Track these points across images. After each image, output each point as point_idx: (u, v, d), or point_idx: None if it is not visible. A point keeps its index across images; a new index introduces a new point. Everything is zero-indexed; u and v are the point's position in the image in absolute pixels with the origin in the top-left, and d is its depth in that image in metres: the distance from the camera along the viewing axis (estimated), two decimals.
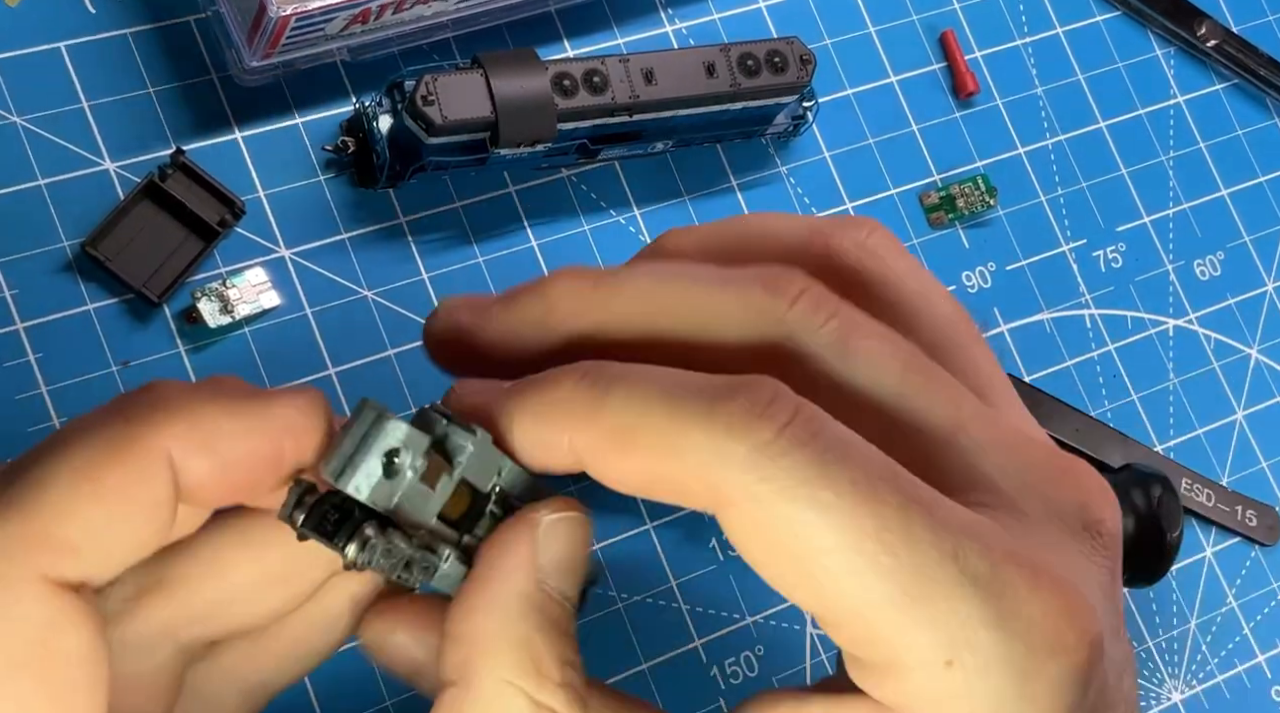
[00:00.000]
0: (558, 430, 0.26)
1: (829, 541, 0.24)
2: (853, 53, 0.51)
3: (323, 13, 0.40)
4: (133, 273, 0.41)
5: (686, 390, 0.25)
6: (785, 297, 0.28)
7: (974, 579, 0.24)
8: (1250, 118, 0.57)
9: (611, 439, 0.26)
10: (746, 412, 0.25)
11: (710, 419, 0.25)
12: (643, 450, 0.26)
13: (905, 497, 0.25)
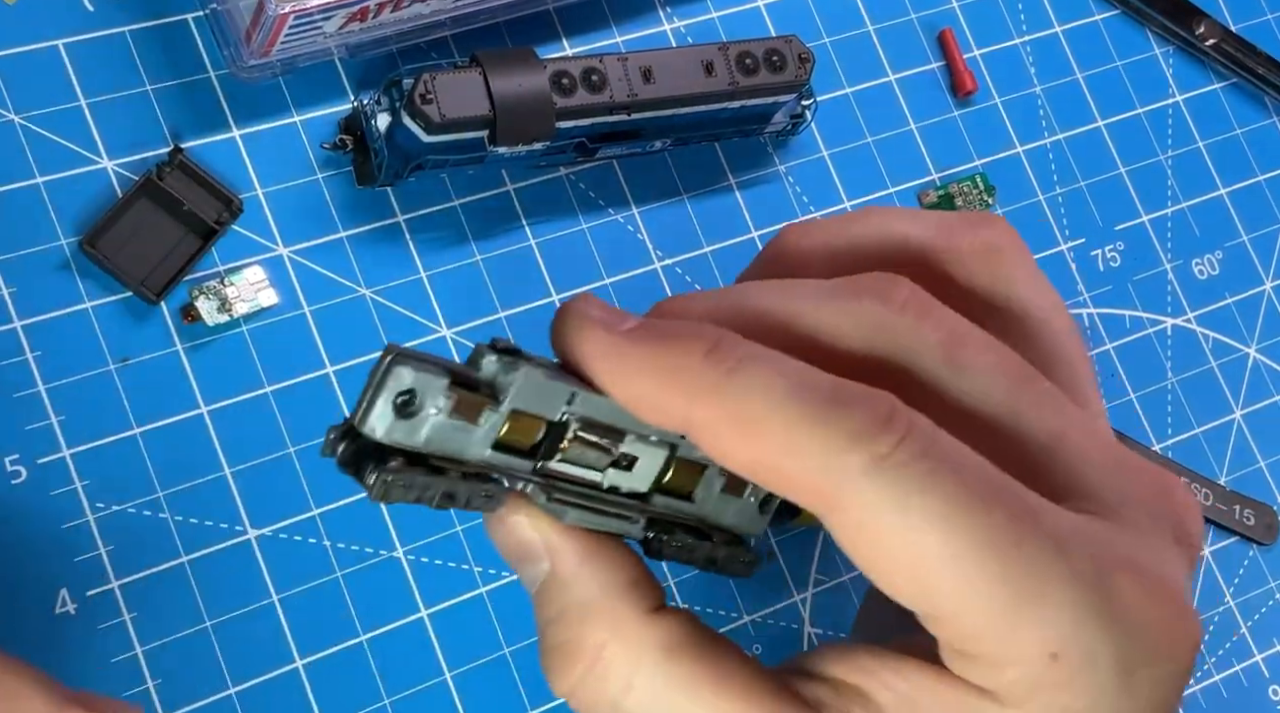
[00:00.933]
0: (676, 399, 0.27)
1: (940, 549, 0.25)
2: (851, 51, 0.51)
3: (321, 10, 0.40)
4: (131, 271, 0.41)
5: (812, 391, 0.26)
6: (893, 306, 0.28)
7: (1082, 578, 0.25)
8: (1249, 117, 0.57)
9: (731, 423, 0.26)
10: (866, 422, 0.25)
11: (831, 426, 0.25)
12: (761, 441, 0.26)
13: (1014, 506, 0.26)
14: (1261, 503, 0.52)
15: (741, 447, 0.26)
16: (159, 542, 0.40)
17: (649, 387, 0.27)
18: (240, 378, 0.41)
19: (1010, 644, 0.26)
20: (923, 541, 0.25)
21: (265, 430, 0.41)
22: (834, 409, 0.26)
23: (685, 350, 0.27)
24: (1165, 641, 0.26)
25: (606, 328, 0.28)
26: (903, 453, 0.25)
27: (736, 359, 0.26)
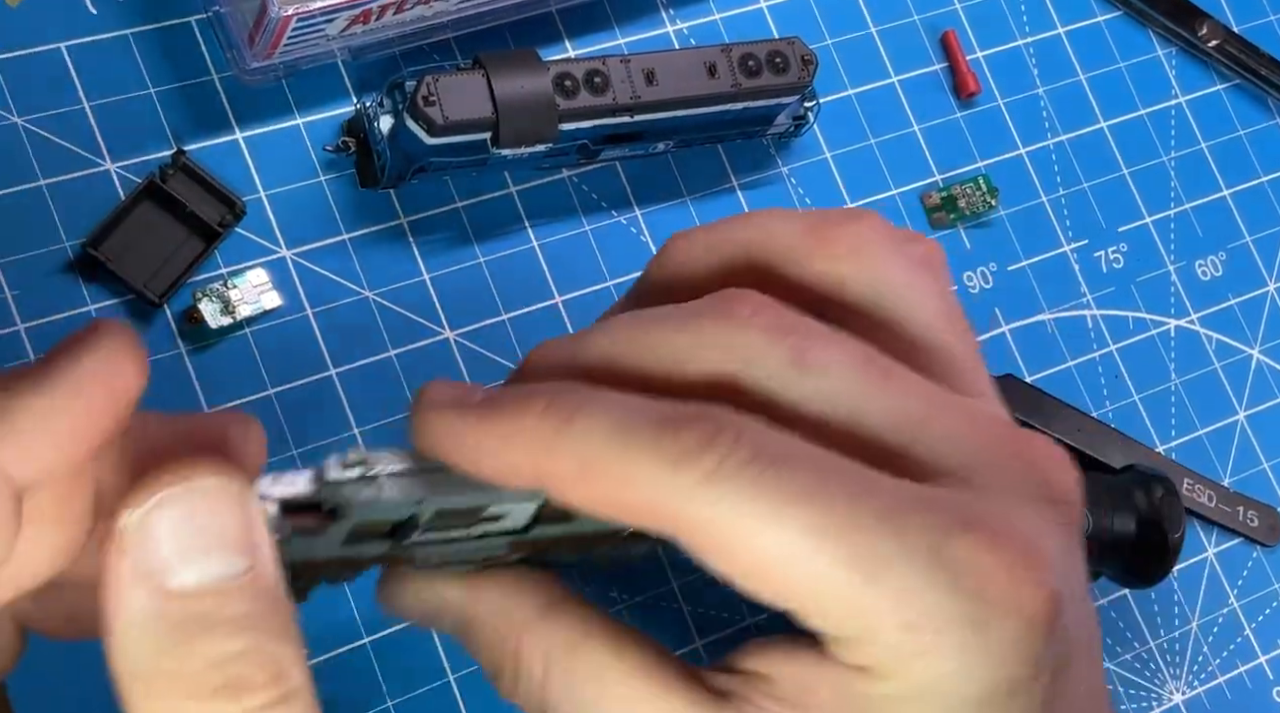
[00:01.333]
0: (521, 459, 0.28)
1: (779, 546, 0.27)
2: (854, 53, 0.51)
3: (324, 13, 0.40)
4: (134, 273, 0.41)
5: (640, 422, 0.27)
6: (736, 322, 0.29)
7: (925, 549, 0.27)
8: (1251, 118, 0.57)
9: (570, 469, 0.28)
10: (695, 443, 0.27)
11: (660, 453, 0.27)
12: (601, 481, 0.28)
13: (848, 489, 0.27)
14: (1265, 504, 0.51)
15: (586, 491, 0.28)
16: None
17: (498, 457, 0.29)
18: (243, 380, 0.41)
19: (867, 623, 0.27)
20: (763, 542, 0.26)
21: (268, 432, 0.41)
22: (661, 436, 0.27)
23: (522, 414, 0.28)
24: (1012, 594, 0.27)
25: (454, 409, 0.29)
26: (730, 463, 0.27)
27: (571, 410, 0.28)
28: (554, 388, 0.29)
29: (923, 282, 0.33)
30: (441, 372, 0.43)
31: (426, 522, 0.31)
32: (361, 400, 0.42)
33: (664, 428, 0.27)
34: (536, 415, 0.28)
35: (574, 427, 0.28)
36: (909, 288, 0.33)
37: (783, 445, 0.28)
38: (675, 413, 0.28)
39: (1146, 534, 0.45)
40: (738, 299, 0.30)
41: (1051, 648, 0.28)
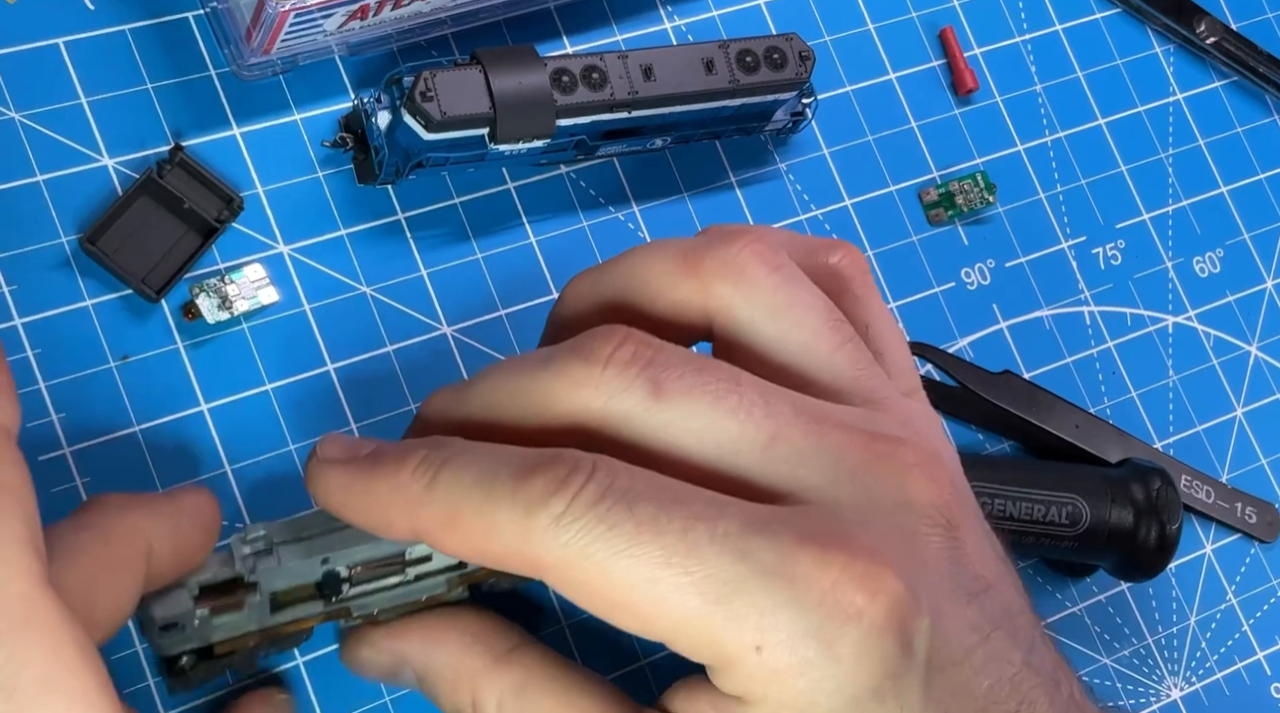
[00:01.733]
0: (397, 513, 0.30)
1: (632, 577, 0.28)
2: (852, 49, 0.51)
3: (321, 9, 0.40)
4: (131, 268, 0.41)
5: (500, 471, 0.29)
6: (595, 359, 0.30)
7: (764, 571, 0.27)
8: (1250, 115, 0.57)
9: (438, 521, 0.29)
10: (544, 489, 0.28)
11: (514, 500, 0.28)
12: (466, 532, 0.29)
13: (686, 519, 0.28)
14: (1263, 500, 0.51)
15: (454, 541, 0.29)
16: None
17: (375, 511, 0.31)
18: (241, 375, 0.42)
19: (723, 647, 0.28)
20: (615, 577, 0.28)
21: (266, 428, 0.41)
22: (516, 484, 0.28)
23: (395, 471, 0.30)
24: (850, 602, 0.27)
25: (341, 465, 0.31)
26: (578, 504, 0.28)
27: (439, 465, 0.30)
28: (429, 443, 0.31)
29: (798, 297, 0.33)
30: (439, 367, 0.43)
31: (355, 576, 0.33)
32: (359, 396, 0.42)
33: (519, 477, 0.28)
34: (409, 472, 0.30)
35: (440, 481, 0.29)
36: (781, 307, 0.33)
37: (630, 480, 0.29)
38: (533, 460, 0.29)
39: (1144, 527, 0.45)
40: (600, 336, 0.31)
41: (908, 650, 0.28)
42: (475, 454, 0.30)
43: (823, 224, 0.49)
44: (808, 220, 0.49)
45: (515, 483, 0.29)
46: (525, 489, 0.28)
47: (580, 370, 0.30)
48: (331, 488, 0.32)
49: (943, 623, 0.29)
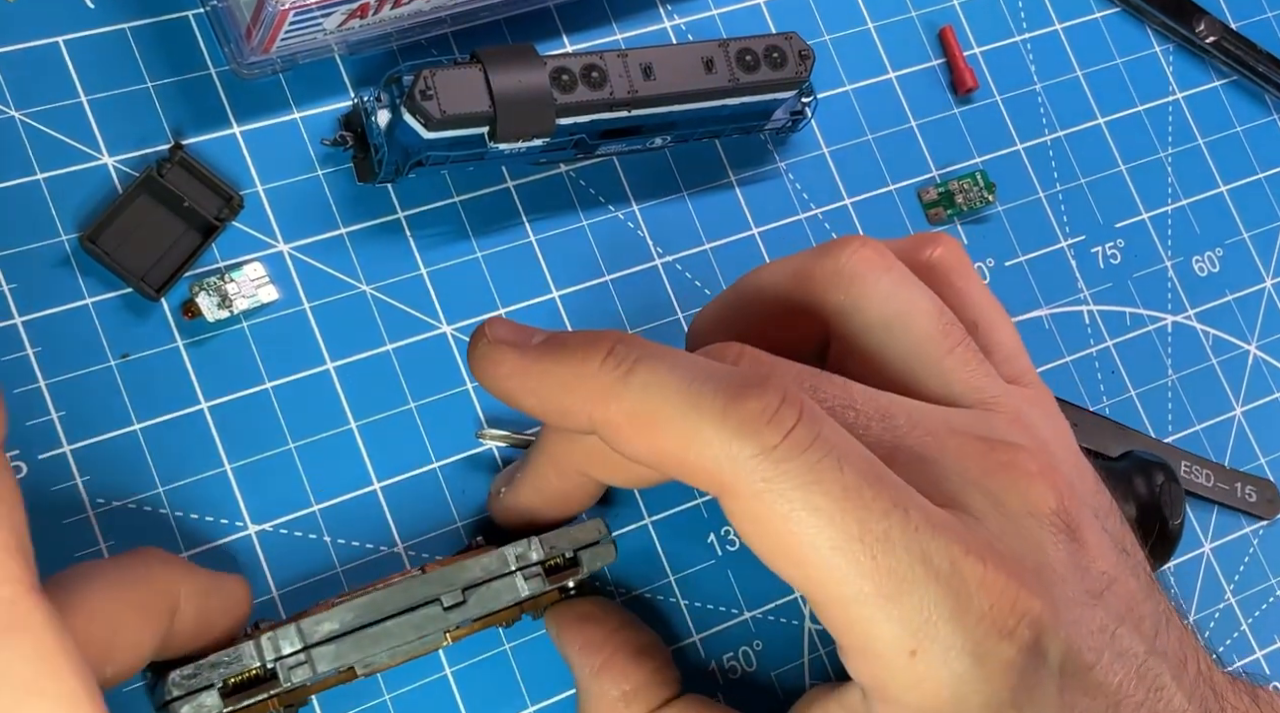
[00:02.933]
0: (579, 403, 0.29)
1: (818, 538, 0.27)
2: (851, 49, 0.51)
3: (321, 7, 0.40)
4: (131, 267, 0.41)
5: (705, 383, 0.28)
6: (747, 403, 0.29)
7: (938, 577, 0.27)
8: (1249, 114, 0.57)
9: (630, 420, 0.28)
10: (757, 415, 0.27)
11: (723, 418, 0.27)
12: (658, 435, 0.28)
13: (888, 502, 0.27)
14: (1262, 478, 0.51)
15: (642, 441, 0.28)
16: (160, 537, 0.40)
17: (554, 397, 0.30)
18: (240, 374, 0.42)
19: (878, 639, 0.27)
20: (804, 530, 0.27)
21: (266, 426, 0.41)
22: (728, 401, 0.27)
23: (584, 357, 0.29)
24: (1004, 623, 0.27)
25: (514, 347, 0.30)
26: (790, 445, 0.27)
27: (633, 360, 0.28)
28: (615, 336, 0.29)
29: (908, 303, 0.33)
30: (438, 365, 0.43)
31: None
32: (358, 394, 0.42)
33: (732, 394, 0.27)
34: (599, 361, 0.29)
35: (636, 377, 0.28)
36: (892, 316, 0.33)
37: (836, 436, 0.28)
38: (742, 380, 0.28)
39: (1147, 521, 0.45)
40: (749, 380, 0.29)
41: (1044, 663, 0.28)
42: (677, 358, 0.29)
43: (822, 224, 0.49)
44: (807, 220, 0.49)
45: (727, 400, 0.27)
46: (737, 410, 0.27)
47: (735, 410, 0.29)
48: (505, 371, 0.30)
49: (1074, 631, 0.29)
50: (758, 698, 0.44)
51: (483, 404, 0.44)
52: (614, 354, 0.29)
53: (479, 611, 0.34)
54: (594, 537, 0.36)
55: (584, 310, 0.46)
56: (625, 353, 0.29)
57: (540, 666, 0.41)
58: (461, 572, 0.34)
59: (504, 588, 0.34)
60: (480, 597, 0.34)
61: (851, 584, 0.27)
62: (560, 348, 0.30)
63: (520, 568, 0.34)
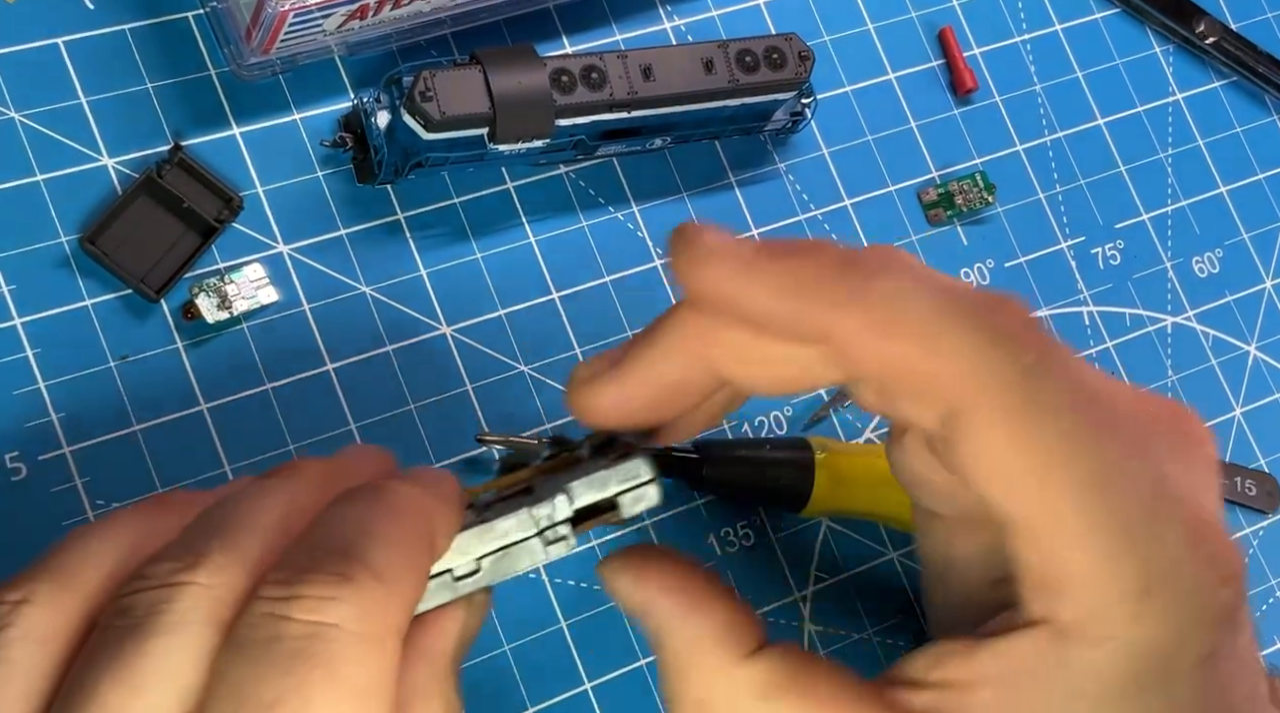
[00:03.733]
0: (814, 310, 0.27)
1: (1061, 469, 0.25)
2: (851, 49, 0.51)
3: (321, 8, 0.40)
4: (131, 268, 0.41)
5: (955, 291, 0.26)
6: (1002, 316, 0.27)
7: (1181, 518, 0.26)
8: (1249, 115, 0.57)
9: (873, 327, 0.26)
10: (1013, 329, 0.26)
11: (978, 329, 0.26)
12: (902, 342, 0.26)
13: (1131, 439, 0.26)
14: (1261, 472, 0.51)
15: (885, 350, 0.26)
16: None
17: (783, 302, 0.27)
18: (240, 375, 0.42)
19: (1107, 576, 0.26)
20: (1047, 459, 0.25)
21: (265, 428, 0.41)
22: (983, 311, 0.26)
23: (816, 261, 0.27)
24: (1224, 569, 0.27)
25: (734, 252, 0.28)
26: (1043, 367, 0.25)
27: (872, 268, 0.27)
28: (846, 246, 0.28)
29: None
30: (438, 367, 0.43)
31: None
32: (359, 396, 0.42)
33: (987, 304, 0.26)
34: (835, 268, 0.27)
35: (880, 285, 0.26)
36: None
37: (1082, 366, 0.26)
38: (985, 292, 0.26)
39: None
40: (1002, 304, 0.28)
41: (1237, 621, 0.28)
42: (912, 263, 0.27)
43: (822, 224, 0.49)
44: (807, 221, 0.49)
45: (981, 310, 0.26)
46: (992, 321, 0.26)
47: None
48: (728, 273, 0.28)
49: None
50: None
51: (482, 405, 0.44)
52: (854, 260, 0.27)
53: (493, 579, 0.31)
54: (636, 477, 0.32)
55: (584, 312, 0.46)
56: (865, 260, 0.27)
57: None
58: (478, 541, 0.31)
59: (523, 553, 0.31)
60: (496, 564, 0.31)
61: (1090, 519, 0.25)
62: (791, 253, 0.27)
63: (545, 528, 0.31)
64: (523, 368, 0.44)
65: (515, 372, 0.44)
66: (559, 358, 0.45)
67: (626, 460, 0.31)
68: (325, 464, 0.30)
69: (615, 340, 0.46)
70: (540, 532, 0.30)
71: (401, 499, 0.28)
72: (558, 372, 0.45)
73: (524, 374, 0.44)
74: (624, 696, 0.42)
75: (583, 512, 0.31)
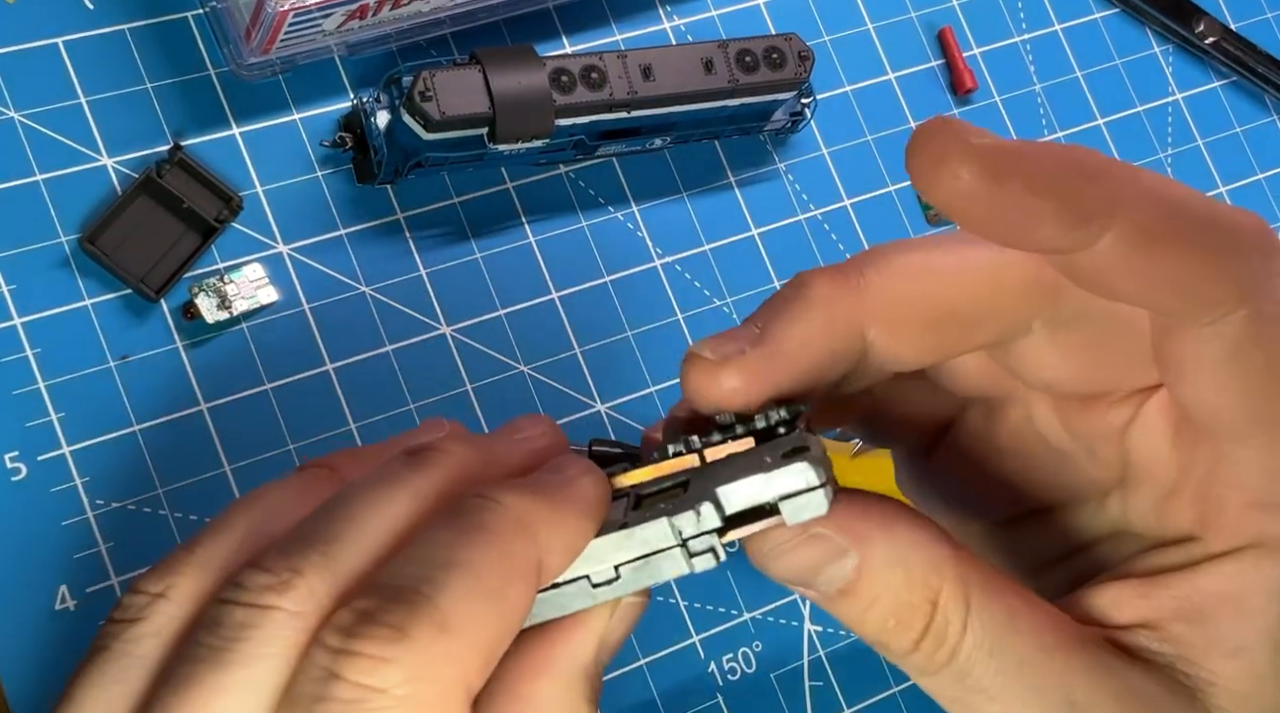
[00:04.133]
0: (1096, 197, 0.24)
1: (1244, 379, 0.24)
2: (851, 49, 0.51)
3: (320, 8, 0.40)
4: (130, 268, 0.41)
5: (1199, 200, 0.25)
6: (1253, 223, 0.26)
7: None
8: (1248, 115, 0.57)
9: (1135, 234, 0.24)
10: (1271, 238, 0.25)
11: (1242, 234, 0.24)
12: (1172, 251, 0.24)
13: None
14: None
15: (1141, 264, 0.24)
16: (159, 538, 0.40)
17: (1016, 202, 0.24)
18: (240, 375, 0.42)
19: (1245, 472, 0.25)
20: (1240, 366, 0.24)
21: (265, 427, 0.41)
22: (1239, 218, 0.25)
23: (1053, 159, 0.24)
24: None
25: (991, 147, 0.24)
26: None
27: (1114, 174, 0.24)
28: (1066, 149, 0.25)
29: None
30: (438, 367, 0.43)
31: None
32: (358, 395, 0.42)
33: (1236, 213, 0.25)
34: (1085, 161, 0.24)
35: (1137, 186, 0.24)
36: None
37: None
38: (1227, 207, 0.25)
39: None
40: None
41: None
42: (1150, 174, 0.25)
43: (822, 224, 0.49)
44: (807, 221, 0.49)
45: (1237, 217, 0.24)
46: (1250, 229, 0.24)
47: None
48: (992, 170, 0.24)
49: None
50: (758, 699, 0.44)
51: (482, 405, 0.44)
52: (1105, 171, 0.24)
53: (634, 587, 0.28)
54: (802, 483, 0.27)
55: (583, 312, 0.46)
56: (1088, 160, 0.24)
57: None
58: (615, 549, 0.28)
59: (666, 563, 0.28)
60: (637, 572, 0.28)
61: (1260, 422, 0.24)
62: (1011, 145, 0.24)
63: (689, 538, 0.28)
64: (523, 368, 0.44)
65: (515, 372, 0.44)
66: (559, 358, 0.45)
67: (793, 461, 0.27)
68: (475, 448, 0.28)
69: (615, 340, 0.46)
70: (684, 542, 0.27)
71: (501, 520, 0.26)
72: (558, 372, 0.45)
73: (524, 374, 0.44)
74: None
75: (737, 516, 0.28)
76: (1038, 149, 0.24)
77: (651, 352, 0.46)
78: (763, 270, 0.48)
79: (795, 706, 0.45)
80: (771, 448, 0.27)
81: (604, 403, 0.45)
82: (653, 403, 0.46)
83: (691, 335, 0.47)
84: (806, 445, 0.27)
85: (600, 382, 0.45)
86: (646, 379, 0.46)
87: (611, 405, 0.45)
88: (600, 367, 0.45)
